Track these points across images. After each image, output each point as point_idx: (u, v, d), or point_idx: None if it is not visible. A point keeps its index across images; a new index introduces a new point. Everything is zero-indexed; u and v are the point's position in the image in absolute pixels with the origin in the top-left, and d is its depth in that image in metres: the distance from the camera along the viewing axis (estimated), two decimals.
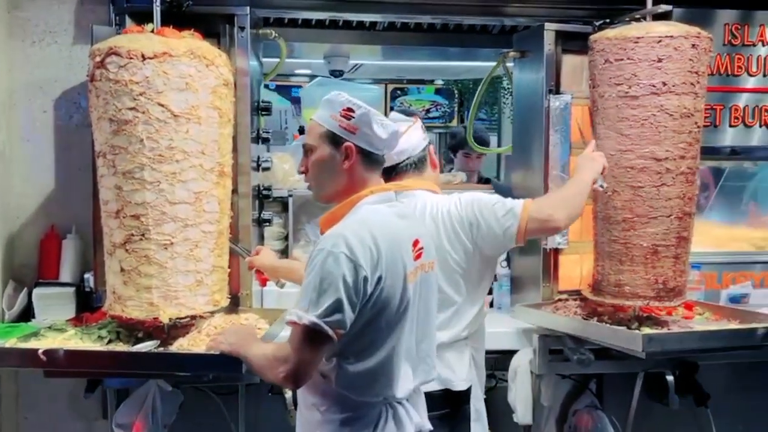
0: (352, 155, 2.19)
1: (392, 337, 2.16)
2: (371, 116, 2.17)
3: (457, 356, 2.72)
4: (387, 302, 2.11)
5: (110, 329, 2.73)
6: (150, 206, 2.59)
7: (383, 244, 2.09)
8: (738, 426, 3.79)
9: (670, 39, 2.96)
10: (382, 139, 2.19)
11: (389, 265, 2.10)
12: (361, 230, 2.08)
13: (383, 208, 2.21)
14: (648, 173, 3.01)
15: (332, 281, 2.01)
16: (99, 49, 2.61)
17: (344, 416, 2.17)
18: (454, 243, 2.64)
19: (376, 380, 2.16)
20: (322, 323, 2.00)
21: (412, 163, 2.80)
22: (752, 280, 3.73)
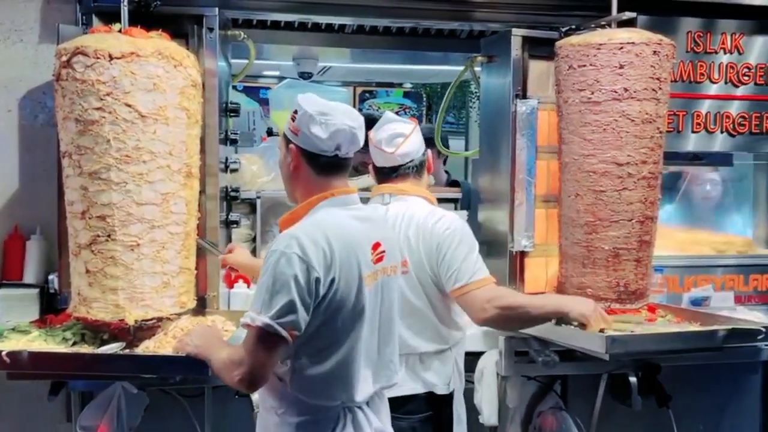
0: (295, 157, 2.22)
1: (348, 341, 2.15)
2: (309, 117, 2.16)
3: (442, 363, 2.84)
4: (341, 305, 2.11)
5: (75, 331, 2.72)
6: (116, 207, 2.59)
7: (337, 246, 2.09)
8: (698, 426, 3.85)
9: (631, 45, 3.02)
10: (322, 139, 2.16)
11: (343, 268, 2.10)
12: (314, 232, 2.09)
13: (340, 211, 2.20)
14: (610, 177, 3.07)
15: (285, 282, 2.02)
16: (65, 49, 2.60)
17: (300, 420, 2.17)
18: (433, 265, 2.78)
19: (332, 384, 2.16)
20: (275, 324, 2.00)
21: (414, 166, 2.92)
22: (713, 284, 3.80)
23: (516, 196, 3.42)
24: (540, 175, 3.46)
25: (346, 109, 2.23)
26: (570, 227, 3.18)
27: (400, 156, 2.89)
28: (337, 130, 2.16)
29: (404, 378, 2.70)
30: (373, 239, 2.23)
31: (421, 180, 2.95)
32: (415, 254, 2.78)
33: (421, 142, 2.95)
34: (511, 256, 3.47)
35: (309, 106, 2.18)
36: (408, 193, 2.89)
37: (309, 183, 2.23)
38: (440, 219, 2.81)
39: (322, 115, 2.16)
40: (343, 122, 2.17)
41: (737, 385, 3.91)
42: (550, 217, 3.47)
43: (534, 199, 3.43)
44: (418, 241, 2.79)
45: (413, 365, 2.80)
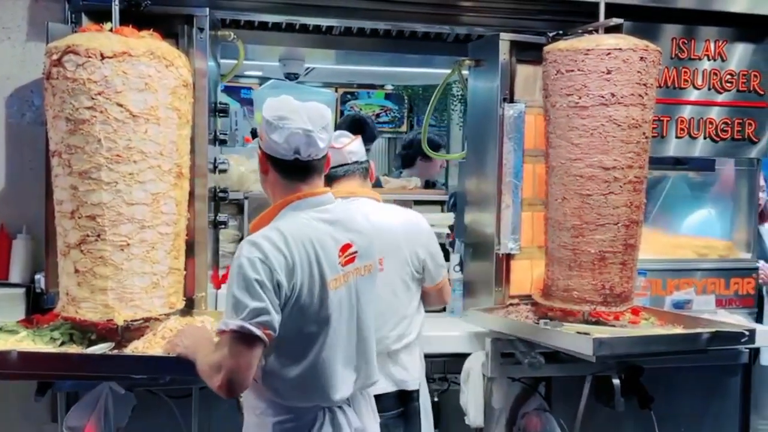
0: (262, 162, 2.29)
1: (316, 345, 2.17)
2: (266, 122, 2.22)
3: (410, 356, 2.90)
4: (304, 310, 2.13)
5: (63, 331, 2.70)
6: (106, 207, 2.58)
7: (297, 251, 2.11)
8: (680, 428, 3.90)
9: (618, 51, 3.06)
10: (279, 143, 2.20)
11: (304, 273, 2.12)
12: (275, 237, 2.11)
13: (305, 214, 2.22)
14: (596, 182, 3.10)
15: (251, 285, 2.04)
16: (56, 47, 2.58)
17: (277, 419, 2.20)
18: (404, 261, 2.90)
19: (305, 386, 2.18)
20: (248, 325, 2.01)
21: (361, 168, 2.98)
22: (695, 287, 3.86)
23: (503, 199, 3.46)
24: (526, 179, 3.50)
25: (310, 111, 2.23)
26: (556, 230, 3.21)
27: (346, 153, 2.94)
28: (291, 134, 2.18)
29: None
30: (341, 241, 2.24)
31: (365, 182, 3.00)
32: (394, 253, 2.86)
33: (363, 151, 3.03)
34: (498, 258, 3.50)
35: (269, 111, 2.23)
36: (357, 194, 2.92)
37: (278, 186, 2.28)
38: (416, 220, 2.99)
39: (279, 119, 2.19)
40: (299, 126, 2.18)
41: (718, 388, 3.97)
42: (536, 220, 3.50)
43: (521, 202, 3.46)
44: (397, 240, 2.88)
45: (383, 362, 2.77)
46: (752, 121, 3.85)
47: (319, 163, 2.28)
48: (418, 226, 2.99)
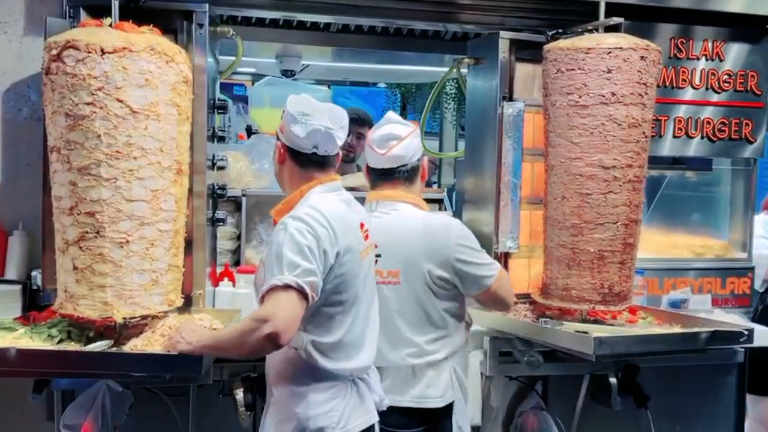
0: (281, 153, 2.44)
1: (353, 310, 2.35)
2: (290, 116, 2.37)
3: (435, 375, 2.77)
4: (345, 276, 2.31)
5: (61, 328, 2.67)
6: (106, 203, 2.55)
7: (335, 223, 2.28)
8: (676, 426, 3.90)
9: (619, 50, 3.06)
10: (300, 137, 2.36)
11: (344, 243, 2.29)
12: (314, 213, 2.28)
13: (330, 195, 2.39)
14: (596, 181, 3.10)
15: (301, 249, 2.18)
16: (56, 42, 2.55)
17: (313, 387, 2.32)
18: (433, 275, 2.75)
19: (343, 352, 2.34)
20: (301, 282, 2.14)
21: (406, 171, 2.85)
22: (691, 286, 3.87)
23: (501, 197, 3.45)
24: (525, 178, 3.50)
25: (330, 111, 2.42)
26: (556, 229, 3.21)
27: (390, 158, 2.82)
28: (314, 130, 2.36)
29: (391, 389, 2.68)
30: (359, 219, 2.45)
31: (412, 187, 2.87)
32: (413, 266, 2.73)
33: (417, 147, 2.88)
34: (496, 257, 3.48)
35: (293, 106, 2.39)
36: (395, 199, 2.82)
37: (294, 175, 2.45)
38: (443, 227, 2.81)
39: (302, 115, 2.36)
40: (321, 123, 2.36)
41: (713, 387, 3.98)
42: (534, 219, 3.50)
43: (519, 200, 3.46)
44: (417, 252, 2.73)
45: (405, 377, 2.74)
46: (749, 121, 3.86)
47: (333, 158, 2.47)
48: (442, 240, 2.76)
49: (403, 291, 2.73)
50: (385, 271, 2.73)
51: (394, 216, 2.79)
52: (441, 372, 2.77)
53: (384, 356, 2.69)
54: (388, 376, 2.72)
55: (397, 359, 2.73)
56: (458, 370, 2.84)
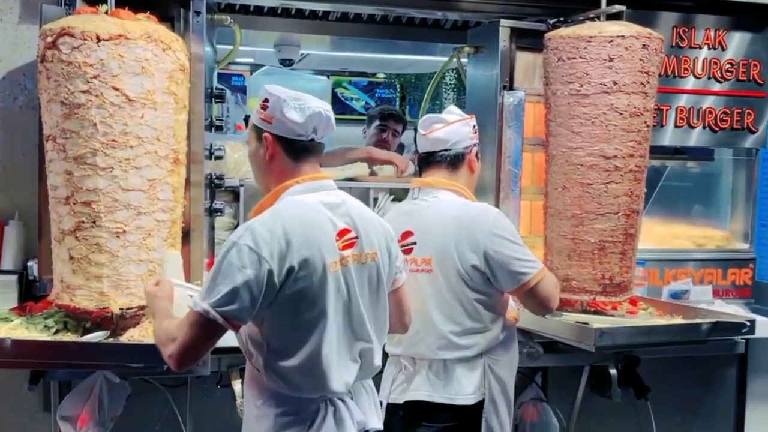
0: (270, 145, 2.20)
1: (317, 330, 2.12)
2: (282, 102, 2.16)
3: (468, 371, 2.67)
4: (304, 293, 2.09)
5: (57, 319, 2.66)
6: (102, 193, 2.54)
7: (295, 234, 2.07)
8: (675, 418, 3.90)
9: (621, 39, 3.03)
10: (299, 123, 2.16)
11: (303, 256, 2.07)
12: (272, 222, 2.07)
13: (304, 199, 2.18)
14: (597, 170, 3.08)
15: (230, 273, 2.01)
16: (51, 29, 2.53)
17: (279, 410, 2.16)
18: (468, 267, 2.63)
19: (305, 375, 2.13)
20: (213, 311, 2.00)
21: (448, 157, 2.74)
22: (692, 277, 3.85)
23: (502, 187, 3.43)
24: (525, 168, 3.48)
25: (314, 95, 2.24)
26: (556, 219, 3.18)
27: (431, 141, 2.73)
28: (313, 114, 2.17)
29: (424, 383, 2.64)
30: (338, 226, 2.19)
31: (455, 175, 2.75)
32: (446, 254, 2.64)
33: (464, 135, 2.75)
34: None
35: (281, 93, 2.19)
36: (435, 186, 2.74)
37: (283, 171, 2.21)
38: (478, 216, 2.67)
39: (294, 100, 2.17)
40: (317, 106, 2.19)
41: (714, 378, 3.98)
42: (534, 210, 3.48)
43: (520, 191, 3.43)
44: (450, 240, 2.63)
45: (436, 371, 2.67)
46: (751, 111, 3.83)
47: (323, 146, 2.28)
48: (475, 227, 2.63)
49: (435, 280, 2.65)
50: (419, 258, 2.67)
51: (432, 203, 2.72)
52: (473, 368, 2.66)
53: (417, 347, 2.66)
54: (421, 367, 2.67)
55: (428, 351, 2.66)
56: (495, 367, 2.70)
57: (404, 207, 2.84)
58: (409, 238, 2.70)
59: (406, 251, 2.65)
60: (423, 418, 2.63)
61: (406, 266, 2.60)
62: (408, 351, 2.69)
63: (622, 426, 3.83)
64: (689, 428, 3.96)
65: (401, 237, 2.67)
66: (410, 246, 2.68)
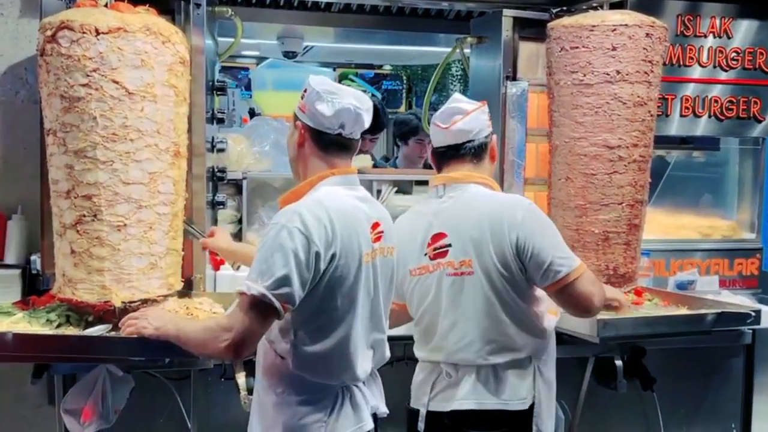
0: (301, 134, 2.25)
1: (348, 318, 2.17)
2: (315, 94, 2.20)
3: (519, 376, 2.55)
4: (341, 281, 2.13)
5: (59, 313, 2.65)
6: (102, 186, 2.53)
7: (338, 223, 2.12)
8: (681, 409, 3.88)
9: (624, 27, 3.02)
10: (326, 116, 2.19)
11: (344, 244, 2.13)
12: (316, 208, 2.12)
13: (341, 189, 2.23)
14: (601, 161, 3.07)
15: (284, 254, 2.03)
16: (50, 23, 2.52)
17: (300, 398, 2.19)
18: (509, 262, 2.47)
19: (333, 362, 2.18)
20: (270, 294, 2.02)
21: (473, 148, 2.60)
22: (698, 267, 3.82)
23: (505, 178, 3.42)
24: (528, 158, 3.46)
25: (355, 92, 2.26)
26: (560, 210, 3.17)
27: (454, 133, 2.58)
28: (342, 109, 2.19)
29: (473, 391, 2.51)
30: (372, 218, 2.26)
31: (480, 166, 2.62)
32: (483, 252, 2.48)
33: (484, 123, 2.63)
34: None
35: (317, 84, 2.22)
36: (463, 181, 2.58)
37: (312, 160, 2.26)
38: (508, 207, 2.52)
39: (328, 93, 2.20)
40: (349, 102, 2.20)
41: (720, 369, 3.95)
42: (538, 200, 3.44)
43: (523, 181, 3.42)
44: (485, 237, 2.47)
45: (485, 378, 2.52)
46: (758, 100, 3.79)
47: (355, 143, 2.30)
48: (509, 219, 2.46)
49: (478, 281, 2.48)
50: (456, 261, 2.50)
51: (463, 199, 2.55)
52: (525, 371, 2.53)
53: (462, 354, 2.51)
54: (466, 374, 2.52)
55: (477, 357, 2.51)
56: (542, 368, 2.58)
57: (429, 206, 2.64)
58: (443, 240, 2.53)
59: (440, 254, 2.53)
60: (472, 426, 2.51)
61: (442, 270, 2.52)
62: (451, 358, 2.53)
63: (628, 418, 3.81)
64: (695, 419, 3.93)
65: (432, 239, 2.54)
66: (445, 249, 2.52)
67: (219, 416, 3.30)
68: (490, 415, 2.51)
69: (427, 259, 2.56)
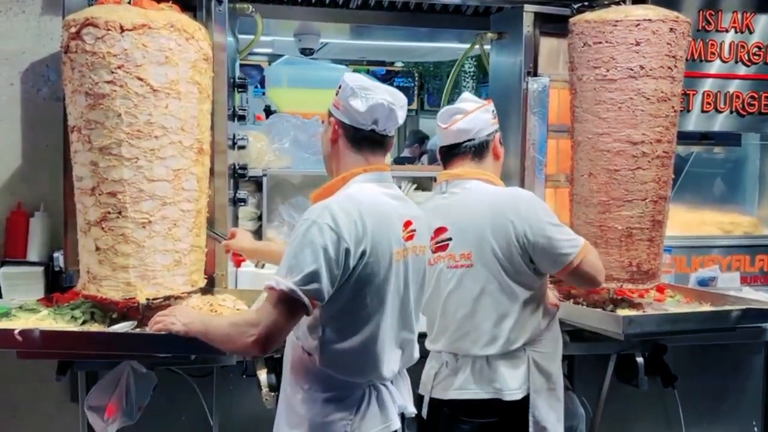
0: (335, 130, 2.24)
1: (376, 316, 2.16)
2: (350, 90, 2.19)
3: (512, 366, 2.58)
4: (370, 278, 2.12)
5: (84, 310, 2.65)
6: (127, 183, 2.52)
7: (369, 220, 2.10)
8: (702, 406, 3.87)
9: (648, 22, 2.99)
10: (360, 111, 2.18)
11: (375, 241, 2.11)
12: (348, 204, 2.10)
13: (374, 186, 2.22)
14: (624, 157, 3.04)
15: (313, 250, 2.03)
16: (74, 20, 2.52)
17: (327, 395, 2.18)
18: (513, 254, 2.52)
19: (361, 359, 2.17)
20: (298, 290, 2.01)
21: (473, 146, 2.65)
22: (719, 264, 3.80)
23: (527, 174, 3.40)
24: (550, 154, 3.45)
25: (389, 89, 2.24)
26: (582, 207, 3.15)
27: (454, 133, 2.66)
28: (376, 105, 2.17)
29: (469, 380, 2.58)
30: (404, 216, 2.24)
31: (482, 164, 2.67)
32: (484, 245, 2.53)
33: (485, 122, 2.67)
34: None
35: (351, 81, 2.21)
36: (464, 177, 2.65)
37: (346, 157, 2.25)
38: (509, 200, 2.58)
39: (362, 89, 2.18)
40: (383, 98, 2.18)
41: (741, 366, 3.94)
42: (559, 197, 3.45)
43: (545, 178, 3.40)
44: (486, 230, 2.53)
45: (480, 368, 2.58)
46: None
47: (389, 140, 2.28)
48: (511, 212, 2.52)
49: (476, 274, 2.54)
50: (457, 254, 2.57)
51: (463, 195, 2.62)
52: (517, 362, 2.58)
53: (459, 343, 2.58)
54: (464, 364, 2.59)
55: (472, 347, 2.57)
56: (539, 360, 2.61)
57: (433, 202, 2.73)
58: (444, 234, 2.60)
59: (441, 248, 2.60)
60: (468, 414, 2.56)
61: (443, 263, 2.58)
62: (450, 347, 2.61)
63: (649, 415, 3.80)
64: (716, 417, 3.92)
65: (434, 233, 2.60)
66: (446, 242, 2.59)
67: (241, 413, 3.31)
68: (484, 404, 2.56)
69: (430, 252, 2.58)
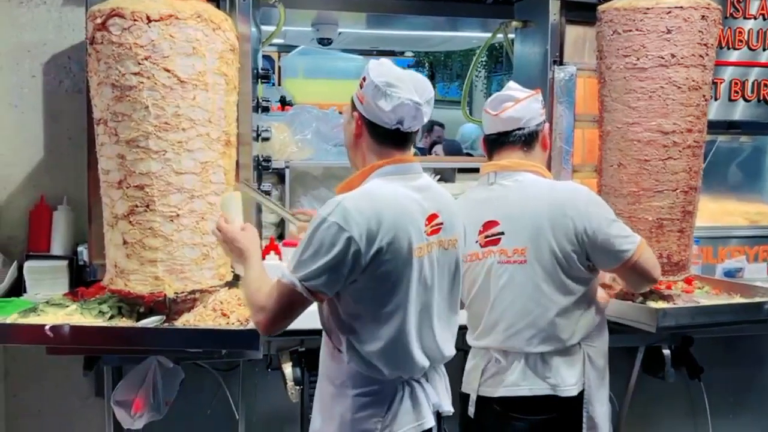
0: (358, 125, 2.17)
1: (399, 312, 2.10)
2: (374, 87, 2.09)
3: (568, 363, 2.53)
4: (389, 276, 2.07)
5: (111, 304, 2.63)
6: (155, 176, 2.50)
7: (386, 217, 2.04)
8: (729, 398, 3.84)
9: (679, 10, 2.94)
10: (385, 111, 2.09)
11: (391, 238, 2.05)
12: (363, 201, 2.05)
13: (395, 180, 2.14)
14: (655, 146, 3.00)
15: (320, 247, 2.01)
16: (100, 11, 2.49)
17: (357, 391, 2.15)
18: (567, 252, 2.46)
19: (386, 357, 2.12)
20: (300, 285, 2.02)
21: (523, 136, 2.58)
22: (746, 255, 3.76)
23: (553, 165, 3.36)
24: (576, 144, 3.41)
25: (415, 81, 2.14)
26: (611, 197, 3.10)
27: (503, 120, 2.57)
28: (401, 104, 2.08)
29: (522, 377, 2.50)
30: (428, 210, 2.16)
31: (531, 154, 2.59)
32: (541, 241, 2.46)
33: (536, 112, 2.60)
34: None
35: (377, 75, 2.10)
36: (514, 169, 2.56)
37: (369, 151, 2.18)
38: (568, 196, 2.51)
39: (388, 86, 2.08)
40: (409, 97, 2.08)
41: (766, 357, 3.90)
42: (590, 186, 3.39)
43: (572, 168, 3.36)
44: (543, 226, 2.46)
45: (534, 364, 2.50)
46: None
47: (414, 135, 2.22)
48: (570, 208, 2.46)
49: (531, 270, 2.46)
50: (509, 249, 2.48)
51: (515, 187, 2.54)
52: (573, 358, 2.52)
53: (512, 341, 2.50)
54: (515, 360, 2.50)
55: (526, 345, 2.49)
56: (593, 354, 2.56)
57: (479, 194, 2.63)
58: (495, 228, 2.52)
59: (491, 242, 2.51)
60: (522, 411, 2.51)
61: (493, 257, 2.50)
62: (500, 344, 2.52)
63: (675, 407, 3.78)
64: (743, 409, 3.89)
65: (483, 227, 2.52)
66: (497, 236, 2.50)
67: (266, 406, 3.29)
68: (539, 400, 2.50)
69: (478, 246, 2.53)
